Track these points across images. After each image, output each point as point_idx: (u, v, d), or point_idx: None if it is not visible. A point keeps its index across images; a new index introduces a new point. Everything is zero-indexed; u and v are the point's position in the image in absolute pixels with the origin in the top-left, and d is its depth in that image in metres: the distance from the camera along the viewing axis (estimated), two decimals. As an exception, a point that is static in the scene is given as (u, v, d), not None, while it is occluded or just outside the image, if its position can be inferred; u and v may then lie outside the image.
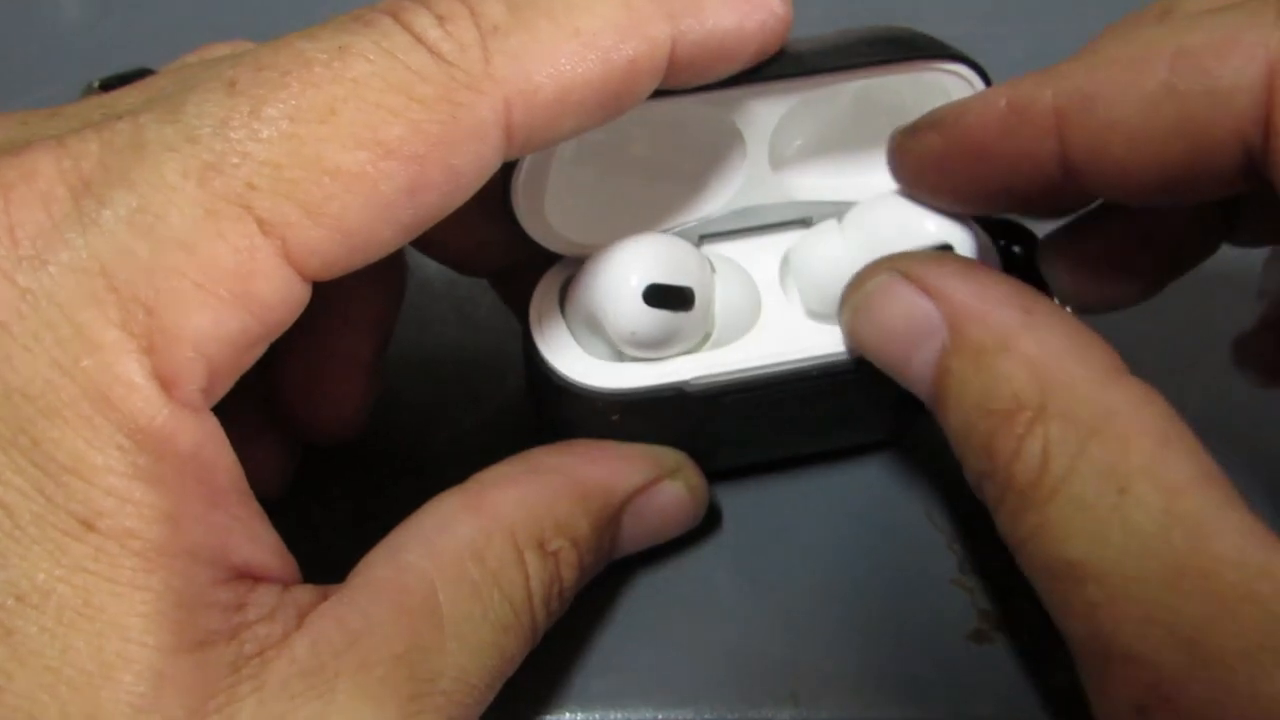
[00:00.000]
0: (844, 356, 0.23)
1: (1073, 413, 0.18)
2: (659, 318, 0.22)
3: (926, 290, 0.20)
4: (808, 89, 0.22)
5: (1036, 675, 0.25)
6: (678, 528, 0.25)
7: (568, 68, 0.18)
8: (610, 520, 0.22)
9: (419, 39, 0.18)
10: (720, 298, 0.23)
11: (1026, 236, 0.23)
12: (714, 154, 0.24)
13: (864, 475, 0.27)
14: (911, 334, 0.20)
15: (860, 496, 0.27)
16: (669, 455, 0.24)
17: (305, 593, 0.19)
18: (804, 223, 0.24)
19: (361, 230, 0.17)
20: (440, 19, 0.18)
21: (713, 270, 0.23)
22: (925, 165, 0.22)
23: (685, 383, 0.22)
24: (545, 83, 0.18)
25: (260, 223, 0.17)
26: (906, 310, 0.20)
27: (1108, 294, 0.24)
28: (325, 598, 0.19)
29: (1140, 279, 0.24)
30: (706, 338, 0.23)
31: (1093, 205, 0.23)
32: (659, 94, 0.20)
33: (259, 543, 0.18)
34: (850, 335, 0.22)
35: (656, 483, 0.23)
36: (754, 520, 0.27)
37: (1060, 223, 0.24)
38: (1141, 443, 0.17)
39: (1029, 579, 0.19)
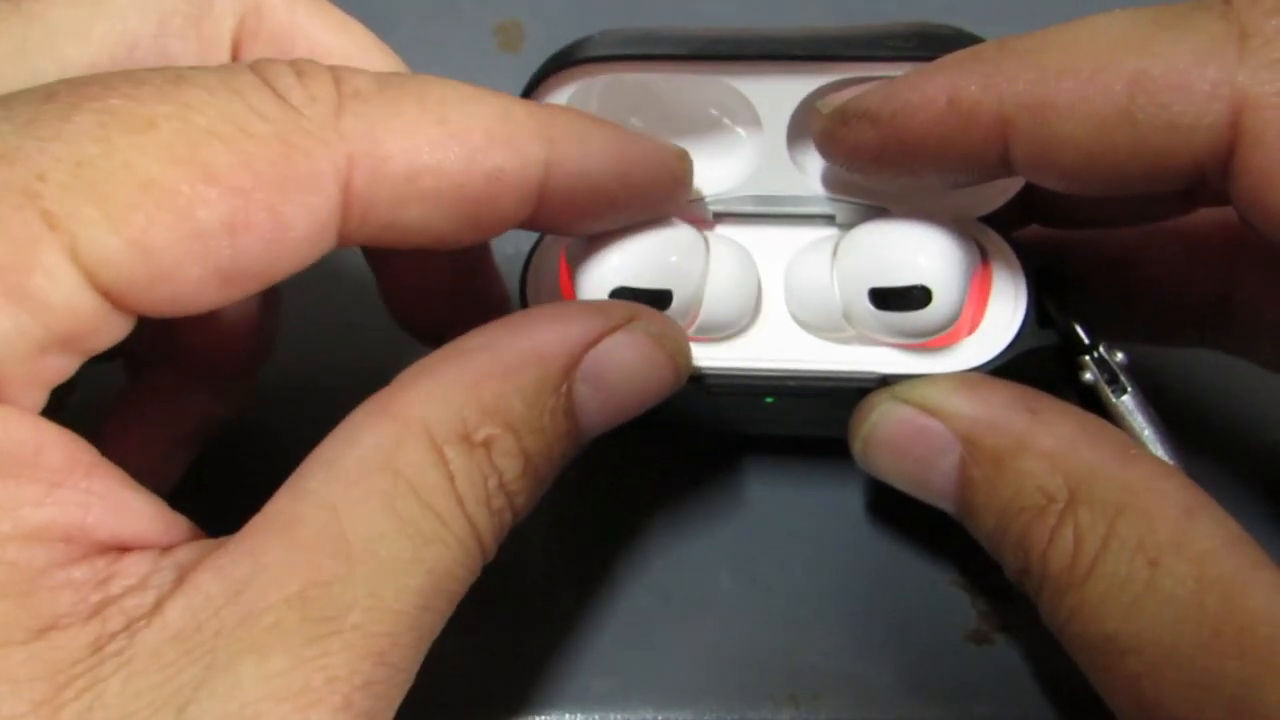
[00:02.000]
0: (820, 375, 0.22)
1: (1098, 496, 0.18)
2: None
3: (929, 411, 0.21)
4: (826, 74, 0.22)
5: (1036, 676, 0.25)
6: (652, 387, 0.21)
7: (425, 149, 0.18)
8: (552, 391, 0.19)
9: (267, 83, 0.17)
10: (711, 289, 0.22)
11: (1058, 267, 0.23)
12: (728, 131, 0.24)
13: (864, 476, 0.27)
14: (925, 454, 0.21)
15: (860, 497, 0.27)
16: (618, 306, 0.21)
17: (191, 551, 0.17)
18: (829, 219, 0.24)
19: (168, 255, 0.16)
20: (300, 74, 0.17)
21: (707, 254, 0.22)
22: (859, 155, 0.21)
23: None
24: (396, 154, 0.17)
25: (46, 215, 0.15)
26: (915, 434, 0.21)
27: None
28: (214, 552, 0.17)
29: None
30: (692, 321, 0.23)
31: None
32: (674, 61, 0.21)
33: (126, 511, 0.17)
34: (864, 464, 0.22)
35: (605, 335, 0.20)
36: (754, 521, 0.27)
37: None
38: (1166, 515, 0.18)
39: (1074, 660, 0.19)
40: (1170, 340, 0.25)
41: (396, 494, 0.17)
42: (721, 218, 0.24)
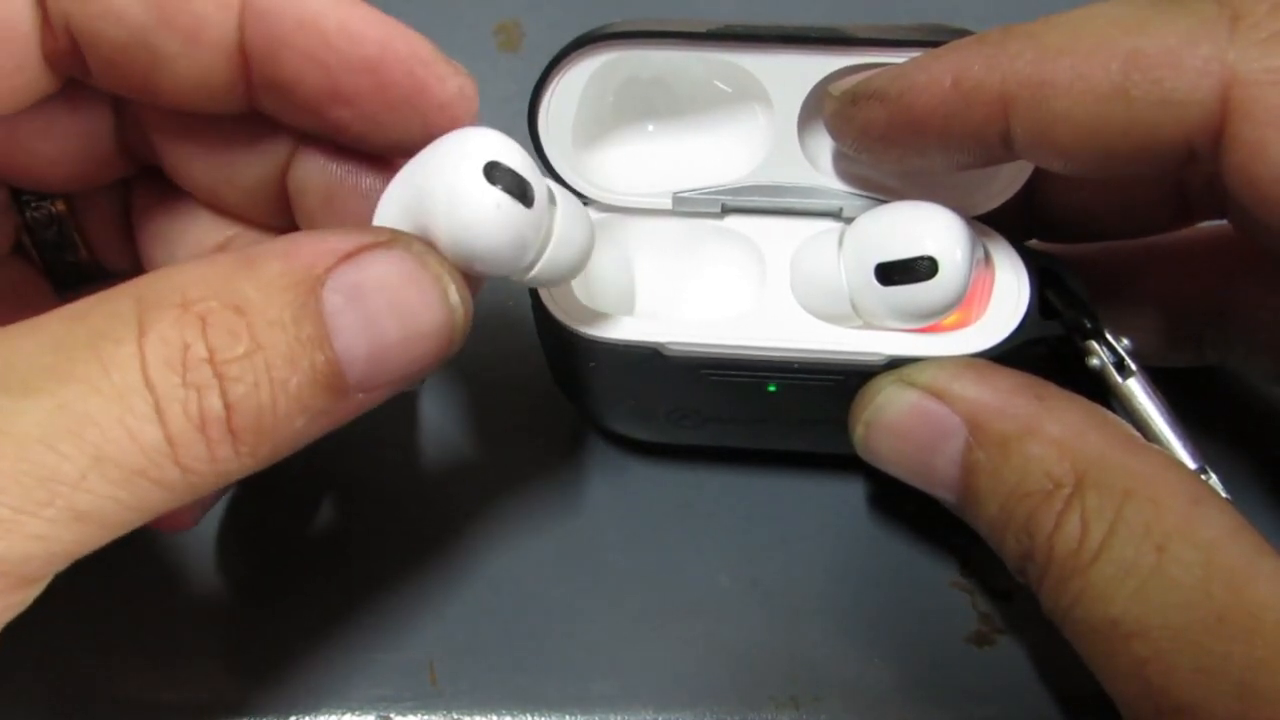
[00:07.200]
0: (825, 356, 0.22)
1: (1105, 481, 0.19)
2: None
3: (936, 395, 0.21)
4: (838, 57, 0.22)
5: (1037, 678, 0.25)
6: (418, 313, 0.18)
7: None
8: (293, 286, 0.17)
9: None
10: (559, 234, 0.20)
11: (1058, 265, 0.23)
12: (741, 119, 0.24)
13: (865, 477, 0.27)
14: (930, 438, 0.21)
15: (861, 498, 0.27)
16: (383, 230, 0.18)
17: None
18: (836, 214, 0.24)
19: None
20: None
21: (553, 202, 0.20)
22: (868, 135, 0.21)
23: (663, 345, 0.22)
24: None
25: None
26: (920, 417, 0.21)
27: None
28: None
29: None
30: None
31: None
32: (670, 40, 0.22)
33: None
34: (866, 450, 0.22)
35: (365, 250, 0.17)
36: (754, 522, 0.27)
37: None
38: (1173, 503, 0.18)
39: (1076, 648, 0.19)
40: (1168, 356, 0.25)
41: (75, 342, 0.15)
42: (730, 210, 0.24)
